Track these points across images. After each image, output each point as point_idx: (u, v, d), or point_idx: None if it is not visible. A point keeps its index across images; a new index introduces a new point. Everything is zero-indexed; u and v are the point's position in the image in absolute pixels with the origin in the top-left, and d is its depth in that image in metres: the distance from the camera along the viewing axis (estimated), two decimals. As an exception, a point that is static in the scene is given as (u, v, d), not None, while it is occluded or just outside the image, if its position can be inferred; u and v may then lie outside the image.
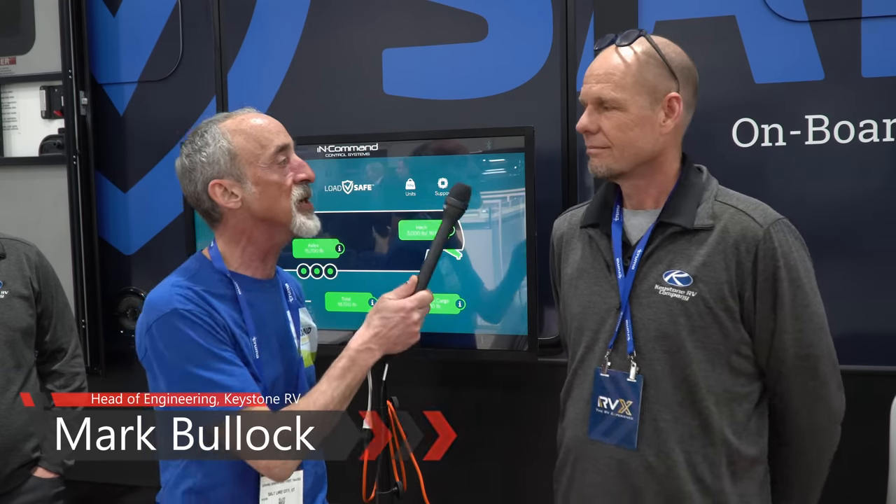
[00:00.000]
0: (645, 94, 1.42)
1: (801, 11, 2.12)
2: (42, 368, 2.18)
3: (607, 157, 1.44)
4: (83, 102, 2.71)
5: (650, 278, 1.44)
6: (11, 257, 2.13)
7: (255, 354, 1.47)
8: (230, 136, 1.47)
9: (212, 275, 1.49)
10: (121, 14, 2.74)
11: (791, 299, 1.41)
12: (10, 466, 2.03)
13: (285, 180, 1.48)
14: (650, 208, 1.49)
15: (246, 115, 1.52)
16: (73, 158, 2.69)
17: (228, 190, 1.47)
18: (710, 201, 1.45)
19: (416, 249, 2.23)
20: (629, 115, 1.42)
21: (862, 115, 2.09)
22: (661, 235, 1.45)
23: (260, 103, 2.57)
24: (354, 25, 2.50)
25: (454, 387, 2.49)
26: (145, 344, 1.43)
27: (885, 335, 2.11)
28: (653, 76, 1.42)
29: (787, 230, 1.44)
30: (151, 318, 1.41)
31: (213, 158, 1.46)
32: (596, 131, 1.44)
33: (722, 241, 1.41)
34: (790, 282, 1.41)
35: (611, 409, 1.46)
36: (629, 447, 1.43)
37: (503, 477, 2.42)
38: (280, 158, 1.48)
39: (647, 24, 2.23)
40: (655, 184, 1.48)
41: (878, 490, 1.94)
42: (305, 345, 1.62)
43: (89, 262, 2.72)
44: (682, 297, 1.41)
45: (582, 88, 1.47)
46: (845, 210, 2.12)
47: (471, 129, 2.26)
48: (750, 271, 1.40)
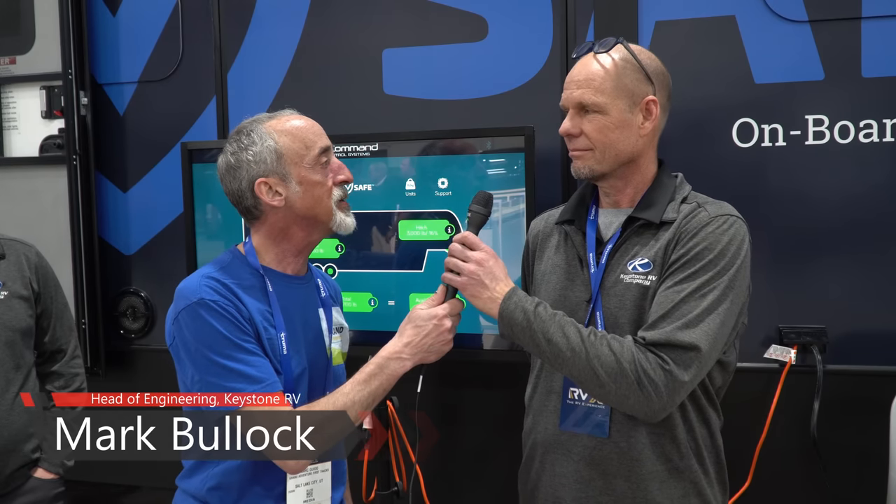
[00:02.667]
0: (624, 98, 1.49)
1: (801, 11, 2.12)
2: (41, 369, 2.18)
3: (590, 159, 1.51)
4: (83, 102, 2.71)
5: (617, 270, 1.50)
6: (11, 258, 2.12)
7: (282, 350, 1.49)
8: (276, 135, 1.51)
9: (243, 268, 1.52)
10: (121, 14, 2.74)
11: (678, 260, 1.43)
12: (10, 467, 2.03)
13: (327, 181, 1.53)
14: (625, 207, 1.55)
15: (289, 116, 1.56)
16: (73, 158, 2.69)
17: (273, 188, 1.50)
18: (679, 200, 1.52)
19: (416, 249, 2.23)
20: (610, 118, 1.48)
21: (862, 115, 2.10)
22: (630, 230, 1.51)
23: (260, 103, 2.58)
24: (354, 25, 2.50)
25: (454, 387, 2.49)
26: (174, 332, 1.47)
27: (885, 335, 2.11)
28: (630, 81, 1.49)
29: (733, 223, 1.46)
30: (180, 307, 1.45)
31: (260, 157, 1.49)
32: (578, 134, 1.50)
33: (677, 228, 1.47)
34: (698, 251, 1.42)
35: (582, 400, 1.50)
36: (601, 435, 1.48)
37: (503, 477, 2.42)
38: (323, 160, 1.53)
39: (647, 24, 2.23)
40: (632, 184, 1.54)
41: (878, 490, 1.94)
42: (337, 343, 1.66)
43: (89, 262, 2.72)
44: (644, 282, 1.46)
45: (563, 94, 1.53)
46: (845, 210, 2.12)
47: (471, 129, 2.26)
48: (675, 244, 1.46)
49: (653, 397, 1.36)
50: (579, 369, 1.39)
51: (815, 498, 2.19)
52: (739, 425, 2.07)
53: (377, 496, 2.39)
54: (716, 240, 1.42)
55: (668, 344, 1.36)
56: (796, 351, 2.12)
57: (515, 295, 1.45)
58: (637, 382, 1.36)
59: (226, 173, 1.53)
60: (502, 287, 1.46)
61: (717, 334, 1.38)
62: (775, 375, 2.11)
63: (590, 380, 1.38)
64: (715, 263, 1.40)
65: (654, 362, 1.36)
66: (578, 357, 1.38)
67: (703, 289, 1.39)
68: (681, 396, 1.40)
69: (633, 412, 1.40)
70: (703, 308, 1.38)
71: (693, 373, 1.36)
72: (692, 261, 1.42)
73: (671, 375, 1.35)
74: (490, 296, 1.46)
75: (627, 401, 1.38)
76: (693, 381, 1.38)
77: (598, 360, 1.37)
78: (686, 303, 1.38)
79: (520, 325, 1.43)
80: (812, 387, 2.09)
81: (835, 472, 2.17)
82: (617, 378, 1.36)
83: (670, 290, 1.41)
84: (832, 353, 2.12)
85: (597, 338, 1.40)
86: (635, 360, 1.36)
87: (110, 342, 2.78)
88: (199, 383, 1.42)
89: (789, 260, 2.16)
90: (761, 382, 2.15)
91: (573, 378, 1.42)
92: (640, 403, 1.37)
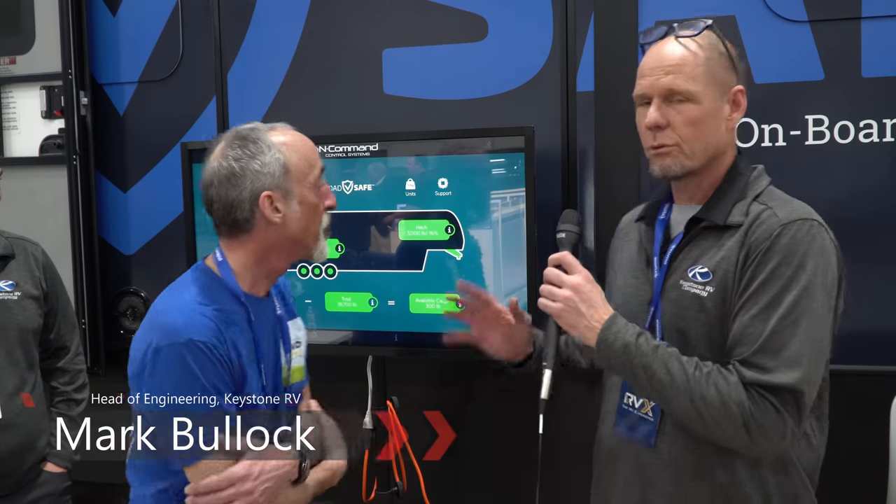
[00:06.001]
0: (715, 87, 1.38)
1: (801, 11, 2.12)
2: (45, 365, 2.19)
3: (679, 155, 1.39)
4: (83, 102, 2.71)
5: (678, 273, 1.41)
6: (20, 257, 2.14)
7: (263, 381, 1.43)
8: (285, 149, 1.42)
9: (223, 293, 1.41)
10: (121, 14, 2.74)
11: (761, 283, 1.31)
12: (27, 464, 2.06)
13: (322, 204, 1.46)
14: (697, 203, 1.45)
15: (287, 129, 1.47)
16: (73, 158, 2.69)
17: (275, 204, 1.41)
18: (749, 199, 1.40)
19: (416, 249, 2.23)
20: (702, 108, 1.37)
21: (862, 115, 2.09)
22: (695, 231, 1.42)
23: (260, 103, 2.59)
24: (354, 25, 2.50)
25: (454, 387, 2.49)
26: (146, 361, 1.32)
27: (885, 335, 2.11)
28: (721, 69, 1.39)
29: (811, 229, 1.33)
30: (162, 342, 1.31)
31: (268, 169, 1.40)
32: (666, 126, 1.38)
33: (744, 235, 1.35)
34: (775, 266, 1.31)
35: (635, 407, 1.45)
36: (647, 447, 1.42)
37: (503, 477, 2.42)
38: (321, 181, 1.47)
39: (647, 24, 2.22)
40: (709, 179, 1.44)
41: (878, 490, 1.94)
42: (296, 359, 1.55)
43: (89, 262, 2.72)
44: (701, 293, 1.37)
45: (642, 82, 1.42)
46: (845, 210, 2.12)
47: (471, 129, 2.26)
48: (745, 258, 1.35)
49: (761, 442, 1.29)
50: (683, 408, 1.31)
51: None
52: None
53: (377, 496, 2.38)
54: (801, 249, 1.31)
55: (771, 387, 1.28)
56: (796, 351, 2.11)
57: (615, 324, 1.36)
58: (745, 426, 1.28)
59: (224, 180, 1.41)
60: (600, 315, 1.37)
61: (819, 362, 1.32)
62: (775, 375, 2.11)
63: (693, 420, 1.31)
64: (799, 275, 1.29)
65: (765, 407, 1.28)
66: (682, 396, 1.30)
67: (795, 313, 1.29)
68: (792, 439, 1.32)
69: (742, 451, 1.34)
70: (803, 338, 1.29)
71: (804, 413, 1.30)
72: (777, 279, 1.30)
73: (782, 420, 1.28)
74: (587, 324, 1.36)
75: (734, 442, 1.31)
76: (804, 421, 1.33)
77: (703, 402, 1.29)
78: (782, 333, 1.28)
79: (619, 358, 1.34)
80: (812, 387, 2.09)
81: (835, 472, 2.17)
82: (723, 421, 1.29)
83: (759, 318, 1.30)
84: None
85: (702, 374, 1.30)
86: (743, 403, 1.27)
87: (110, 342, 2.78)
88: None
89: (789, 260, 2.16)
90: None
91: (674, 414, 1.35)
92: (747, 447, 1.31)
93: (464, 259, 2.18)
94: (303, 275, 2.33)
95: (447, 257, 2.20)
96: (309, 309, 2.33)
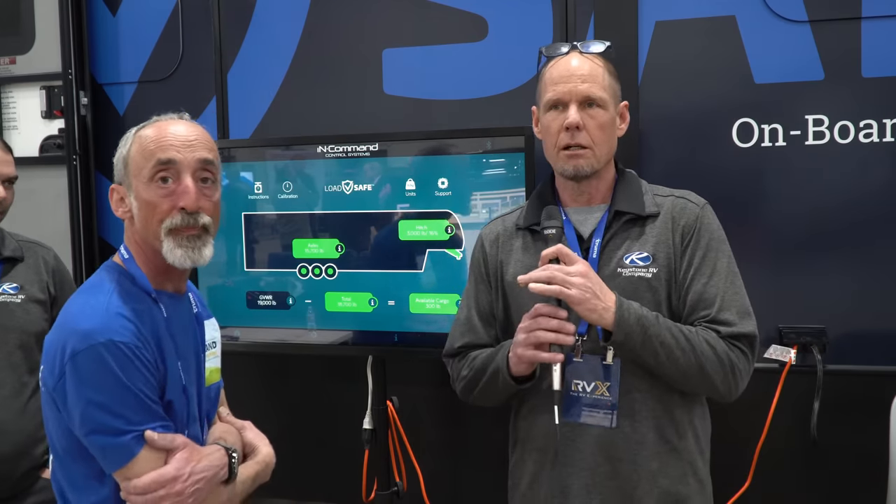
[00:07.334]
0: (614, 98, 1.58)
1: (801, 11, 2.12)
2: None
3: (591, 158, 1.55)
4: (83, 102, 2.71)
5: (611, 263, 1.54)
6: (30, 261, 2.13)
7: (182, 380, 1.35)
8: (134, 141, 1.37)
9: (137, 292, 1.33)
10: (121, 14, 2.74)
11: (702, 257, 1.54)
12: (21, 470, 2.02)
13: (162, 202, 1.32)
14: (598, 203, 1.61)
15: (164, 121, 1.39)
16: (73, 158, 2.70)
17: (120, 197, 1.37)
18: (650, 193, 1.61)
19: (416, 249, 2.23)
20: (609, 115, 1.56)
21: (862, 115, 2.10)
22: (617, 224, 1.57)
23: (260, 103, 2.59)
24: (354, 25, 2.50)
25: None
26: (64, 368, 1.23)
27: (885, 335, 2.11)
28: (616, 83, 1.60)
29: (710, 208, 1.61)
30: (80, 345, 1.22)
31: (116, 162, 1.38)
32: (582, 128, 1.53)
33: (670, 221, 1.56)
34: (707, 241, 1.55)
35: (586, 392, 1.54)
36: (608, 425, 1.52)
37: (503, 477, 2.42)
38: (159, 175, 1.32)
39: (647, 24, 2.23)
40: (605, 181, 1.62)
41: (878, 490, 1.94)
42: (212, 360, 1.48)
43: (89, 262, 2.73)
44: (646, 275, 1.53)
45: (558, 88, 1.56)
46: (845, 210, 2.12)
47: (471, 129, 2.26)
48: (682, 240, 1.56)
49: (740, 384, 1.51)
50: (689, 363, 1.47)
51: (815, 498, 2.20)
52: (739, 425, 2.08)
53: (377, 496, 2.39)
54: (715, 225, 1.58)
55: (740, 336, 1.49)
56: (796, 351, 2.12)
57: (624, 302, 1.47)
58: (732, 373, 1.48)
59: None
60: (609, 296, 1.46)
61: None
62: (775, 375, 2.11)
63: (694, 374, 1.47)
64: (723, 245, 1.56)
65: (739, 354, 1.49)
66: (687, 355, 1.46)
67: (731, 275, 1.53)
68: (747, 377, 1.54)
69: (716, 396, 1.52)
70: (742, 292, 1.53)
71: (756, 354, 1.53)
72: (711, 251, 1.53)
73: (750, 363, 1.51)
74: (604, 306, 1.45)
75: (721, 388, 1.50)
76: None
77: (703, 357, 1.47)
78: (729, 291, 1.51)
79: (635, 331, 1.45)
80: (812, 387, 2.09)
81: (835, 472, 2.17)
82: (719, 371, 1.47)
83: (710, 284, 1.51)
84: (832, 353, 2.12)
85: (694, 333, 1.48)
86: (727, 352, 1.48)
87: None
88: (85, 438, 1.24)
89: (789, 260, 2.16)
90: (761, 382, 2.14)
91: (678, 373, 1.48)
92: (731, 391, 1.50)
93: (464, 259, 2.18)
94: (303, 275, 2.33)
95: (447, 257, 2.20)
96: (309, 309, 2.34)
